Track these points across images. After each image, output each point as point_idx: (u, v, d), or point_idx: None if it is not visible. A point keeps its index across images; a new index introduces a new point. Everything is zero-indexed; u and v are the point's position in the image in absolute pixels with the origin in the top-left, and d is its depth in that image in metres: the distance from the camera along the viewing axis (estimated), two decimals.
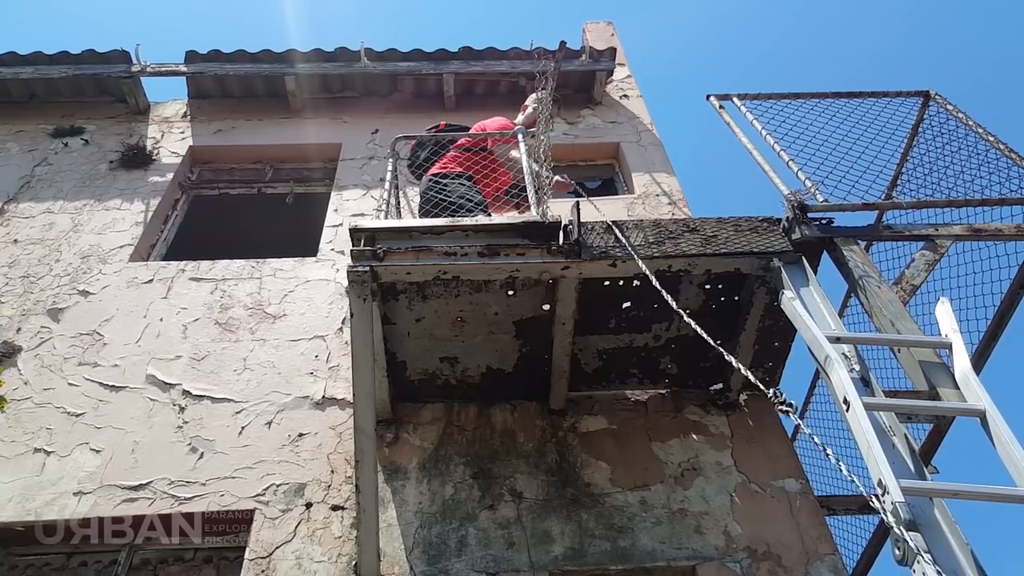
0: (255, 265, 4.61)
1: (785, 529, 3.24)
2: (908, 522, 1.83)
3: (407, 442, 3.56)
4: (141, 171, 5.55)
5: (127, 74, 6.05)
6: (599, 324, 3.49)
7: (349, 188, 5.37)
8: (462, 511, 3.26)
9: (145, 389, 3.83)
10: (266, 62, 6.11)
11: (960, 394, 2.28)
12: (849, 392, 2.18)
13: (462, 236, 3.03)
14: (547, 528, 3.20)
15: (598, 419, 3.69)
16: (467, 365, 3.62)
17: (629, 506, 3.30)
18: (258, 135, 5.99)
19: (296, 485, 3.38)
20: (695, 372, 3.73)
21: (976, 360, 3.37)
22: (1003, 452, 2.05)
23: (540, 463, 3.48)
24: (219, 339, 4.11)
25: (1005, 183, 3.24)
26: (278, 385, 3.84)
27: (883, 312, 2.64)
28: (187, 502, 3.31)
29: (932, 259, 3.02)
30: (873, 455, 2.01)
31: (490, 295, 3.31)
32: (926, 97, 3.83)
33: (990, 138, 3.43)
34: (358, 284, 2.82)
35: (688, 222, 3.23)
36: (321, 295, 4.39)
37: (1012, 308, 3.28)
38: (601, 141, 5.99)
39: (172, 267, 4.62)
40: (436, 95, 6.29)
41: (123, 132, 5.97)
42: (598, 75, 6.27)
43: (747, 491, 3.39)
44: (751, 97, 3.77)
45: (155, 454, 3.51)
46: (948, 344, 2.42)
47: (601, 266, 3.06)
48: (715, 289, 3.37)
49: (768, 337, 3.50)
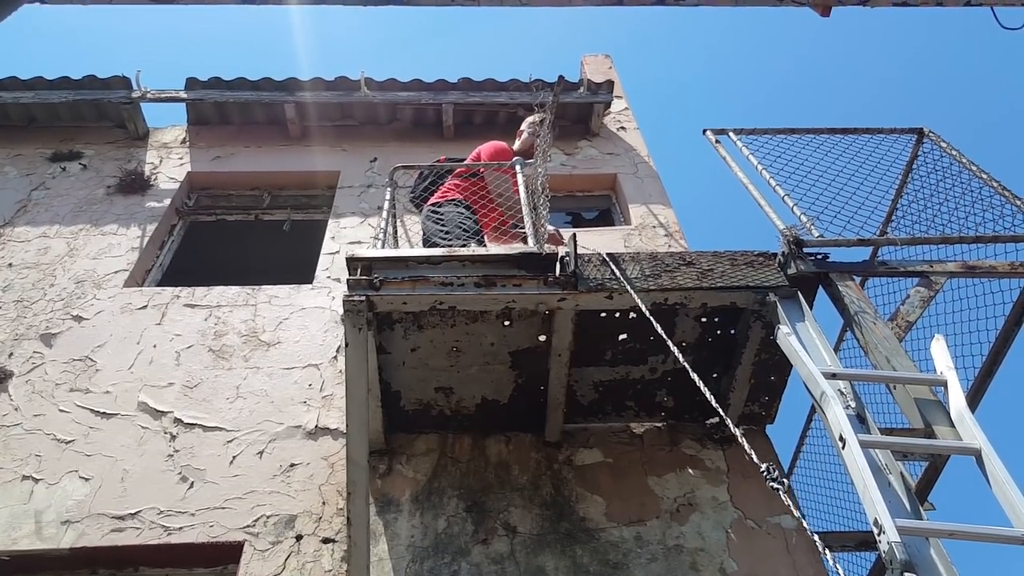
0: (250, 292, 4.60)
1: (781, 566, 3.20)
2: (904, 562, 1.81)
3: (400, 473, 3.52)
4: (139, 196, 5.56)
5: (127, 100, 6.09)
6: (595, 356, 3.48)
7: (347, 216, 5.39)
8: (455, 545, 3.21)
9: (136, 416, 3.79)
10: (266, 90, 6.16)
11: (955, 432, 2.28)
12: (845, 429, 2.17)
13: (459, 266, 3.03)
14: (541, 564, 3.16)
15: (594, 452, 3.66)
16: (462, 396, 3.60)
17: (624, 542, 3.26)
18: (257, 162, 6.02)
19: (287, 517, 3.33)
20: (692, 405, 3.71)
21: (971, 397, 3.36)
22: (999, 492, 2.04)
23: (535, 496, 3.45)
24: (212, 366, 4.08)
25: (999, 220, 3.27)
26: (270, 414, 3.81)
27: (878, 348, 2.64)
28: (176, 532, 3.26)
29: (927, 295, 3.03)
30: (869, 494, 2.00)
31: (486, 325, 3.30)
32: (920, 134, 3.87)
33: (983, 175, 3.47)
34: (354, 313, 2.82)
35: (684, 255, 3.25)
36: (316, 323, 4.37)
37: (1007, 345, 3.28)
38: (598, 172, 6.03)
39: (167, 293, 4.60)
40: (435, 124, 6.35)
41: (121, 157, 5.99)
42: (596, 107, 6.33)
43: (743, 527, 3.35)
44: (747, 132, 3.81)
45: (145, 483, 3.47)
46: (943, 381, 2.42)
47: (597, 298, 3.06)
48: (711, 322, 3.37)
49: (764, 371, 3.49)
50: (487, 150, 4.17)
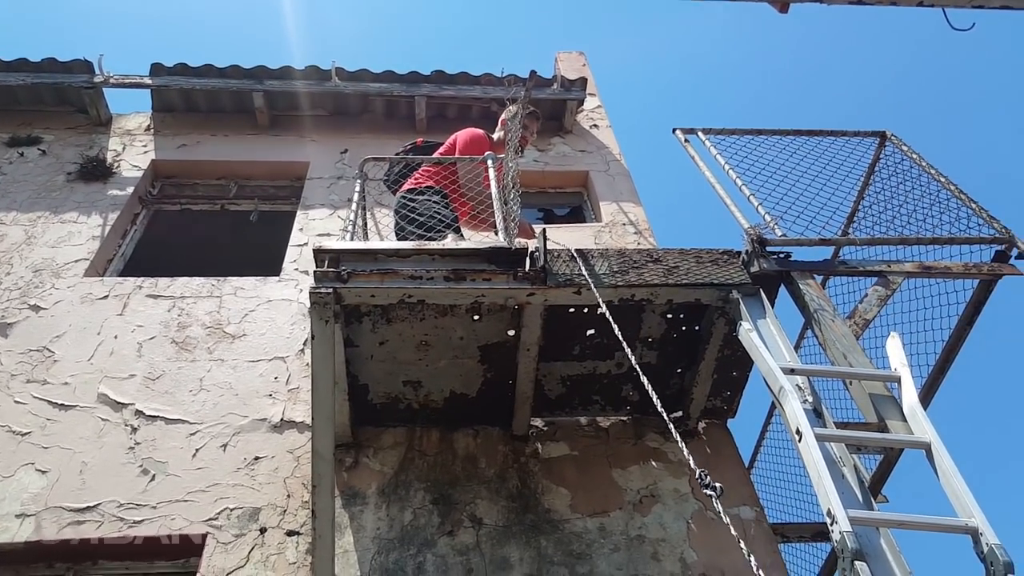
0: (215, 283, 4.55)
1: (739, 556, 3.27)
2: (855, 551, 1.87)
3: (367, 467, 3.52)
4: (100, 184, 5.44)
5: (89, 84, 5.95)
6: (563, 350, 3.51)
7: (316, 207, 5.34)
8: (421, 537, 3.23)
9: (96, 408, 3.73)
10: (234, 78, 6.07)
11: (907, 426, 2.35)
12: (801, 423, 2.23)
13: (428, 260, 3.04)
14: (506, 554, 3.19)
15: (560, 445, 3.70)
16: (430, 389, 3.61)
17: (588, 532, 3.31)
18: (223, 151, 5.93)
19: (251, 510, 3.31)
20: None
21: (924, 394, 3.46)
22: (946, 484, 2.11)
23: (501, 489, 3.47)
24: (175, 358, 4.03)
25: (955, 223, 3.37)
26: (235, 407, 3.77)
27: (836, 345, 2.71)
28: (136, 525, 3.22)
29: (884, 294, 3.12)
30: (823, 485, 2.06)
31: (455, 319, 3.31)
32: (882, 137, 3.97)
33: (941, 179, 3.57)
34: (320, 305, 2.80)
35: (652, 252, 3.29)
36: (283, 315, 4.34)
37: (959, 344, 3.39)
38: (571, 169, 6.06)
39: (129, 283, 4.52)
40: (407, 117, 6.31)
41: (83, 143, 5.86)
42: (569, 104, 6.36)
43: (703, 518, 3.42)
44: (715, 132, 3.86)
45: (104, 476, 3.41)
46: (897, 378, 2.49)
47: (566, 293, 3.09)
48: (677, 319, 3.43)
49: (727, 367, 3.56)
50: (463, 137, 4.18)
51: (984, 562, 1.87)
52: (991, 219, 3.29)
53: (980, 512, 1.95)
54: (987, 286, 3.23)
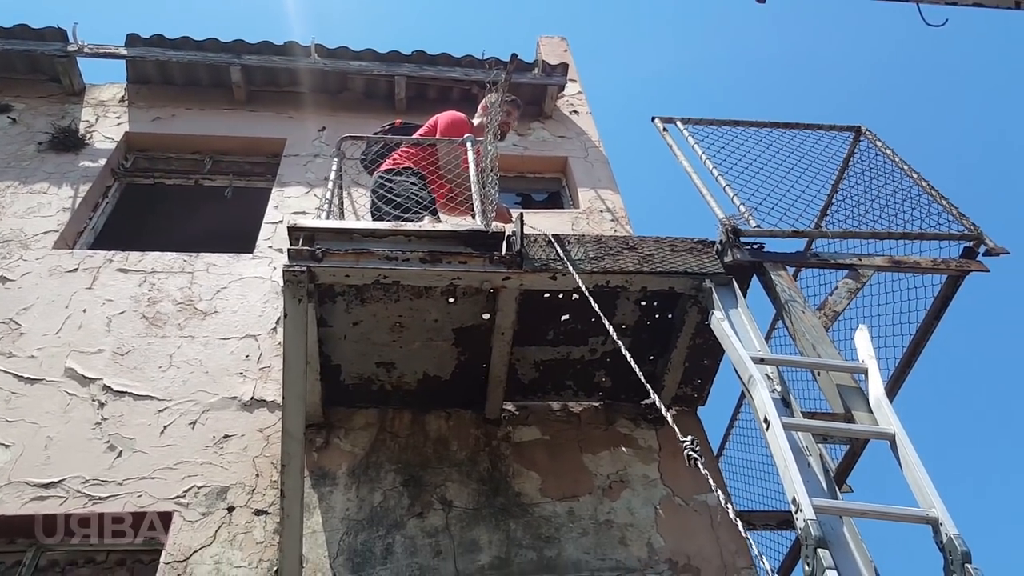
0: (187, 259, 4.48)
1: (705, 543, 3.33)
2: (818, 539, 1.91)
3: (337, 447, 3.51)
4: (72, 155, 5.33)
5: (62, 53, 5.81)
6: (537, 335, 3.52)
7: (292, 185, 5.28)
8: (390, 519, 3.23)
9: (63, 383, 3.67)
10: (211, 51, 5.96)
11: (873, 417, 2.39)
12: (769, 412, 2.26)
13: (404, 241, 3.02)
14: (475, 537, 3.21)
15: (532, 429, 3.72)
16: (404, 371, 3.60)
17: (557, 516, 3.34)
18: (199, 125, 5.83)
19: (218, 488, 3.29)
20: (628, 386, 3.79)
21: (891, 386, 3.52)
22: (908, 474, 2.16)
23: (472, 472, 3.48)
24: (145, 334, 3.97)
25: (925, 219, 3.42)
26: (205, 384, 3.73)
27: (806, 336, 2.75)
28: (102, 502, 3.19)
29: (854, 287, 3.16)
30: (789, 473, 2.09)
31: (430, 302, 3.30)
32: (857, 132, 4.00)
33: (914, 175, 3.61)
34: (294, 284, 2.78)
35: (628, 240, 3.30)
36: (256, 293, 4.29)
37: (926, 338, 3.44)
38: (550, 155, 6.05)
39: (99, 256, 4.45)
40: (387, 97, 6.25)
41: (55, 113, 5.72)
42: (550, 89, 6.34)
43: (671, 504, 3.46)
44: (694, 122, 3.87)
45: (70, 451, 3.37)
46: (864, 369, 2.53)
47: (542, 278, 3.09)
48: (650, 306, 3.45)
49: (698, 355, 3.59)
50: (444, 120, 4.15)
51: (943, 551, 1.92)
52: (961, 216, 3.34)
53: (941, 503, 2.00)
54: (954, 282, 3.28)
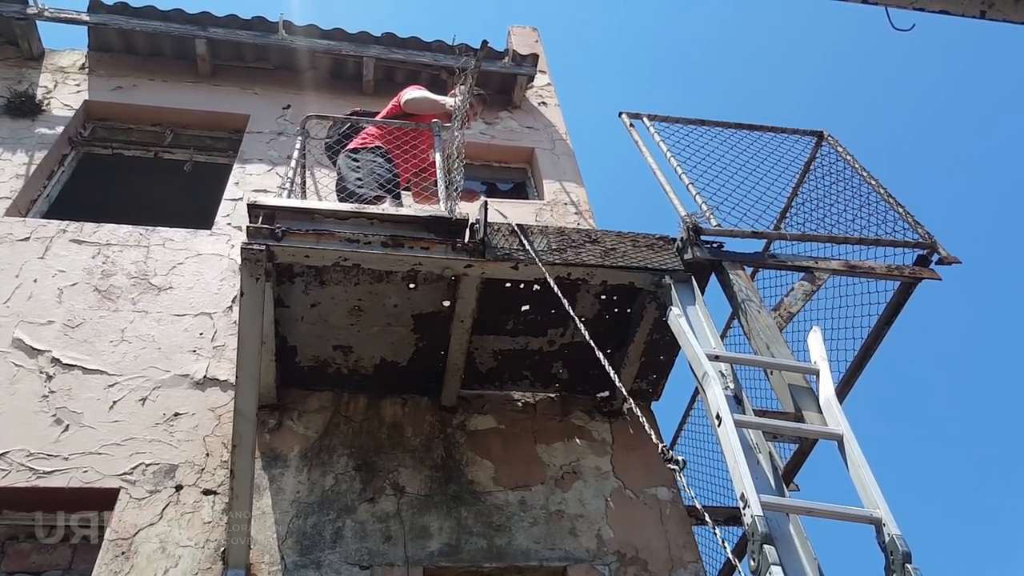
0: (144, 232, 4.38)
1: (653, 535, 3.37)
2: (764, 535, 1.95)
3: (290, 429, 3.47)
4: (28, 121, 5.15)
5: (21, 15, 5.58)
6: (497, 325, 3.52)
7: (253, 162, 5.19)
8: (341, 503, 3.21)
9: (10, 353, 3.57)
10: (177, 22, 5.80)
11: (822, 418, 2.45)
12: (722, 408, 2.30)
13: (367, 224, 2.99)
14: (426, 523, 3.21)
15: (487, 418, 3.73)
16: (361, 355, 3.57)
17: (509, 505, 3.35)
18: (161, 96, 5.68)
19: (167, 466, 3.23)
20: (584, 379, 3.82)
21: (842, 388, 3.60)
22: (854, 474, 2.21)
23: (426, 458, 3.48)
24: (97, 307, 3.87)
25: (882, 225, 3.50)
26: (157, 360, 3.66)
27: (760, 336, 2.79)
28: (46, 476, 3.11)
29: (810, 290, 3.23)
30: (739, 469, 2.13)
31: (390, 286, 3.28)
32: (820, 137, 4.08)
33: (872, 181, 3.69)
34: (252, 262, 2.73)
35: (590, 233, 3.32)
36: (212, 270, 4.21)
37: (877, 342, 3.53)
38: (517, 145, 6.04)
39: (52, 226, 4.32)
40: (355, 78, 6.16)
41: (11, 77, 5.51)
42: (519, 79, 6.31)
43: (622, 497, 3.50)
44: (661, 119, 3.90)
45: (14, 423, 3.27)
46: (816, 371, 2.59)
47: (504, 267, 3.09)
48: (610, 300, 3.47)
49: (655, 350, 3.63)
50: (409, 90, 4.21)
51: (885, 551, 1.97)
52: (916, 224, 3.42)
53: (885, 503, 2.05)
54: (907, 288, 3.37)
